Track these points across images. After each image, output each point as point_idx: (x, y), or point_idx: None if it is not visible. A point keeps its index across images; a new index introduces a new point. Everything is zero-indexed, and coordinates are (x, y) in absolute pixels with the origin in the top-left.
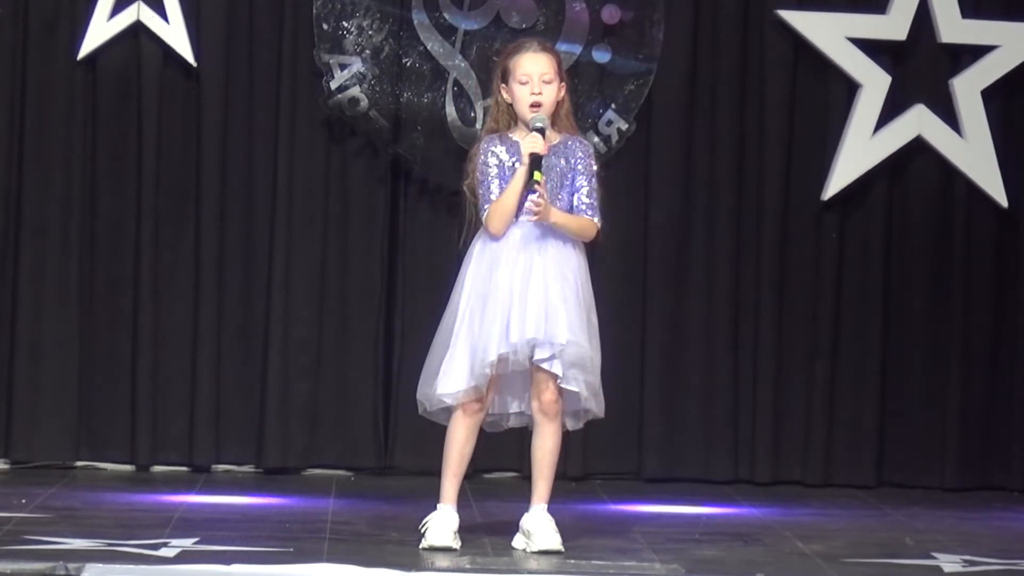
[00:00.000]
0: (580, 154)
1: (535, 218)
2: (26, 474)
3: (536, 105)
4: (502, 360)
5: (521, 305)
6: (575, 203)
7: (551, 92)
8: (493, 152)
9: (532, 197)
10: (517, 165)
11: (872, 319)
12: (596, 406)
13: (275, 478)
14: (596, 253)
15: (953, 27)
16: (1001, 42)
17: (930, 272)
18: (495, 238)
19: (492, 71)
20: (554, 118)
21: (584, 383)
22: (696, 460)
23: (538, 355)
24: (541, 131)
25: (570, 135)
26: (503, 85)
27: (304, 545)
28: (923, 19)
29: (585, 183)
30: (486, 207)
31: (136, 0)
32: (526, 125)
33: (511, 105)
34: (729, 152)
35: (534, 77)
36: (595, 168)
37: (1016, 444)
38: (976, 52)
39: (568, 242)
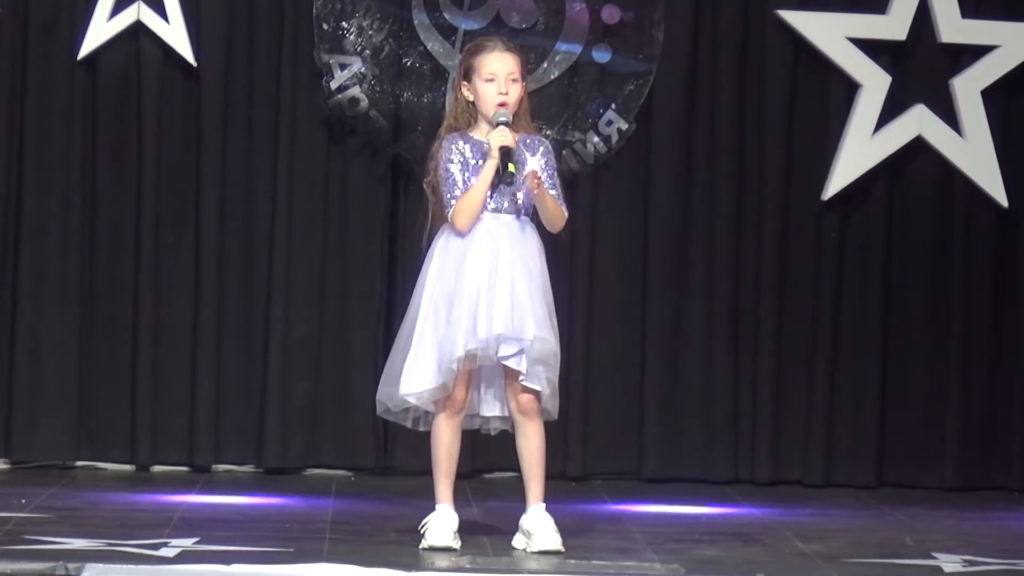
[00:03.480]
0: (540, 150)
1: (536, 186)
2: (26, 474)
3: (502, 104)
4: (470, 356)
5: (488, 301)
6: None
7: (516, 91)
8: (456, 150)
9: (527, 171)
10: (481, 163)
11: (872, 319)
12: (552, 406)
13: (275, 478)
14: (596, 252)
15: (953, 27)
16: (1001, 42)
17: (930, 272)
18: (461, 234)
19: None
20: (513, 118)
21: (546, 380)
22: (696, 460)
23: (504, 351)
24: (507, 125)
25: (528, 134)
26: (465, 83)
27: (304, 545)
28: (923, 19)
29: (547, 177)
30: (453, 203)
31: (136, 0)
32: (489, 123)
33: (471, 103)
34: (729, 152)
35: (500, 76)
36: (555, 163)
37: (1016, 444)
38: (976, 52)
39: (532, 239)
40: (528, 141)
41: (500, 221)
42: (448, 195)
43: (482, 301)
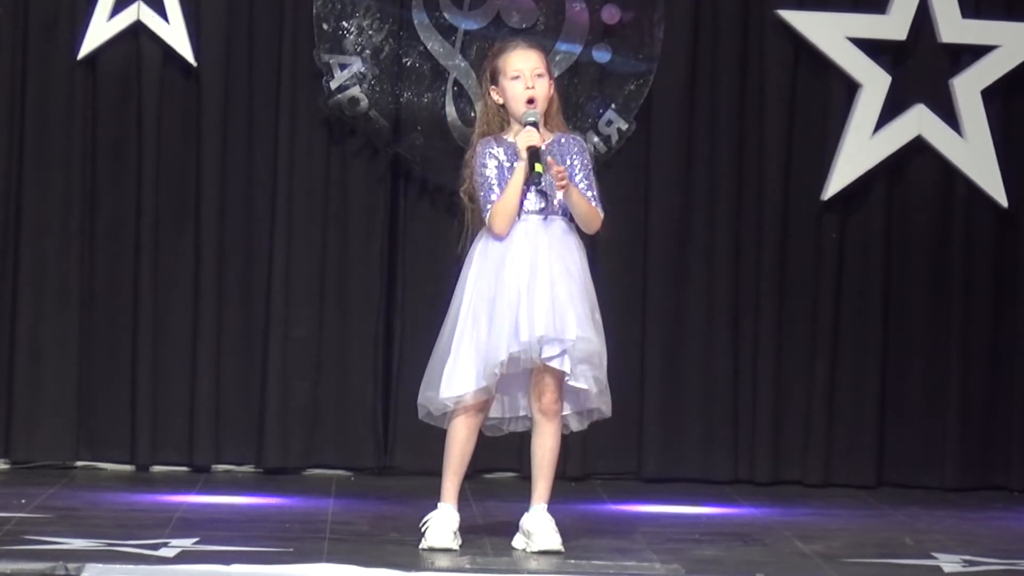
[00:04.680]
0: (575, 149)
1: (561, 186)
2: (26, 474)
3: (531, 100)
4: (512, 359)
5: (529, 303)
6: None
7: (544, 86)
8: (491, 154)
9: (552, 171)
10: (516, 166)
11: (872, 319)
12: (603, 404)
13: (275, 478)
14: (596, 252)
15: (953, 27)
16: (1001, 42)
17: (930, 272)
18: (499, 238)
19: (479, 75)
20: (545, 116)
21: (593, 379)
22: (696, 460)
23: (547, 352)
24: (535, 125)
25: (562, 132)
26: (493, 86)
27: (304, 545)
28: (923, 19)
29: (584, 177)
30: (489, 207)
31: (136, 0)
32: (519, 122)
33: (502, 106)
34: (729, 152)
35: (526, 72)
36: (591, 161)
37: (1016, 444)
38: (976, 52)
39: (571, 239)
40: (563, 140)
41: (538, 222)
42: (484, 200)
43: (523, 304)
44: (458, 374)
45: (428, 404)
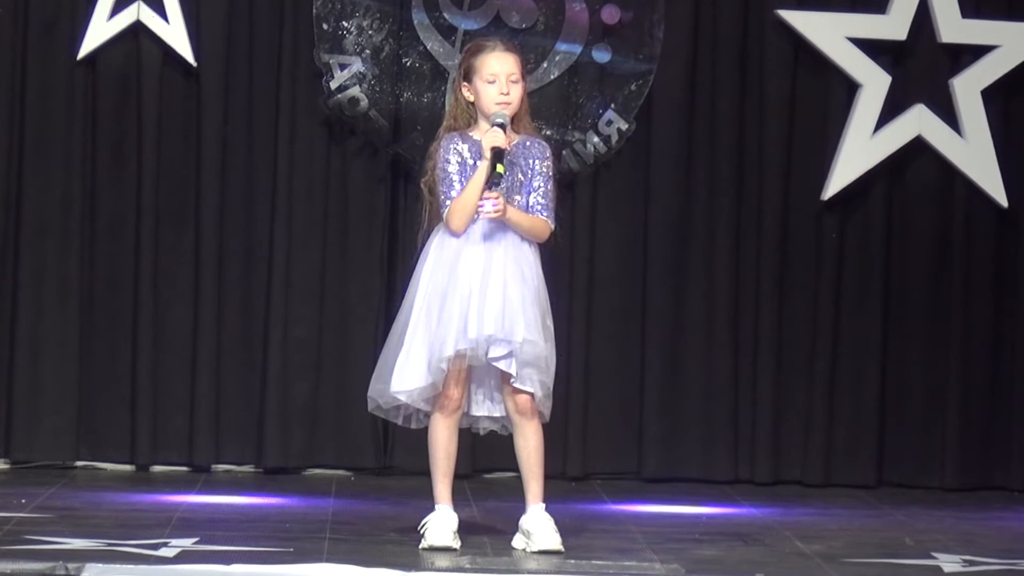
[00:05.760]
0: (539, 154)
1: (495, 215)
2: (26, 474)
3: (503, 104)
4: (459, 356)
5: (480, 302)
6: (531, 202)
7: (518, 92)
8: (455, 150)
9: (489, 200)
10: (479, 164)
11: (872, 319)
12: (545, 409)
13: (275, 478)
14: (596, 252)
15: (953, 27)
16: (1001, 42)
17: (930, 272)
18: (455, 235)
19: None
20: (514, 118)
21: (539, 383)
22: (696, 460)
23: (493, 352)
24: (502, 127)
25: (528, 136)
26: (465, 83)
27: (304, 545)
28: (923, 19)
29: (541, 184)
30: (447, 203)
31: (136, 0)
32: (488, 122)
33: (471, 103)
34: (729, 152)
35: (501, 77)
36: (552, 169)
37: (1016, 444)
38: (976, 52)
39: (525, 242)
40: (528, 143)
41: (497, 223)
42: (444, 195)
43: (473, 301)
44: (409, 368)
45: (378, 397)
